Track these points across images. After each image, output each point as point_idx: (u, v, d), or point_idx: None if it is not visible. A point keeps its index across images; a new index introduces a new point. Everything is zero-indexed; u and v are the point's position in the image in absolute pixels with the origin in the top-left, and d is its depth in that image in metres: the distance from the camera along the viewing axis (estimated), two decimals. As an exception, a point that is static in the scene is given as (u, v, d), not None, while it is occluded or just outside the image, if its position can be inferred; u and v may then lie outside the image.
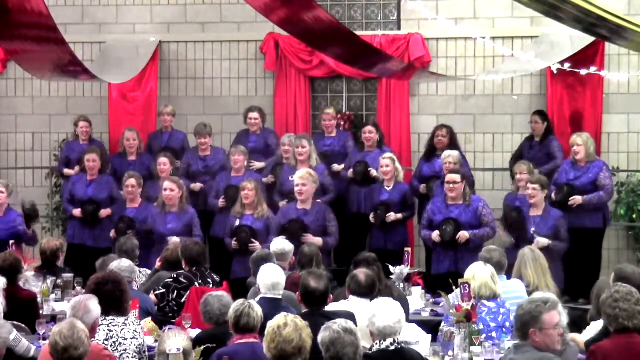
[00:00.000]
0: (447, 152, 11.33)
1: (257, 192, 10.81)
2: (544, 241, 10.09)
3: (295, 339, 5.37)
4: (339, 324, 5.42)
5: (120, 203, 11.64)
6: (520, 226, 10.35)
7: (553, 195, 11.05)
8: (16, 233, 10.81)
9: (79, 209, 11.59)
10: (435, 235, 10.28)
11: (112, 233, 11.10)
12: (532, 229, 10.27)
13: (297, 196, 10.58)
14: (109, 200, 11.69)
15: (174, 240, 10.17)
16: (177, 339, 5.55)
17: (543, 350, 5.51)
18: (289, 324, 5.41)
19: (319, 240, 10.40)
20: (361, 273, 7.48)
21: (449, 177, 10.40)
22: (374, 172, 11.67)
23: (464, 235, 10.19)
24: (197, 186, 11.99)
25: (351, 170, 11.86)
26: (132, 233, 10.68)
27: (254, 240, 10.60)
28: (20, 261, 8.75)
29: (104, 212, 11.53)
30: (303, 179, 10.49)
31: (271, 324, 5.47)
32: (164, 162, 11.68)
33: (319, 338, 5.42)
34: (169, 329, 7.29)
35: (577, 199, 10.87)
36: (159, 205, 10.90)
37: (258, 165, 12.18)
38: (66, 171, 12.46)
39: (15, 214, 11.02)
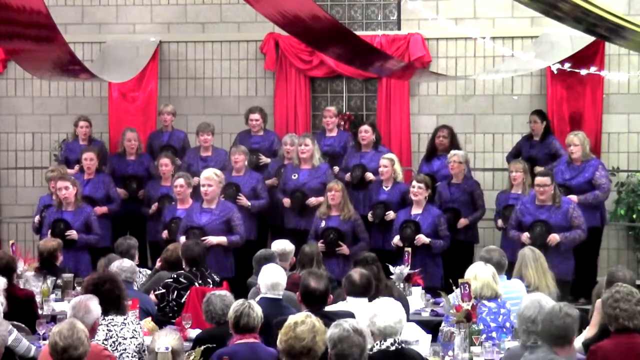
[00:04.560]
0: (453, 152, 11.33)
1: (344, 193, 10.68)
2: (424, 239, 10.17)
3: (307, 339, 5.29)
4: (350, 323, 5.37)
5: (118, 202, 11.76)
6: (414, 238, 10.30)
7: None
8: None
9: None
10: (525, 236, 10.10)
11: (165, 234, 10.85)
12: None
13: (203, 196, 10.40)
14: (105, 199, 11.69)
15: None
16: (167, 338, 5.48)
17: None
18: (306, 323, 5.33)
19: (221, 240, 10.17)
20: (355, 272, 7.43)
21: (539, 180, 10.24)
22: (370, 176, 11.63)
23: (554, 238, 10.03)
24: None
25: (349, 174, 11.84)
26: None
27: (341, 243, 10.56)
28: (15, 260, 8.75)
29: (99, 210, 11.48)
30: (209, 179, 10.29)
31: (291, 318, 5.41)
32: (165, 163, 11.65)
33: (328, 333, 5.37)
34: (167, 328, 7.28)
35: (572, 199, 10.86)
36: (56, 206, 10.81)
37: (265, 160, 12.16)
38: (65, 171, 12.45)
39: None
